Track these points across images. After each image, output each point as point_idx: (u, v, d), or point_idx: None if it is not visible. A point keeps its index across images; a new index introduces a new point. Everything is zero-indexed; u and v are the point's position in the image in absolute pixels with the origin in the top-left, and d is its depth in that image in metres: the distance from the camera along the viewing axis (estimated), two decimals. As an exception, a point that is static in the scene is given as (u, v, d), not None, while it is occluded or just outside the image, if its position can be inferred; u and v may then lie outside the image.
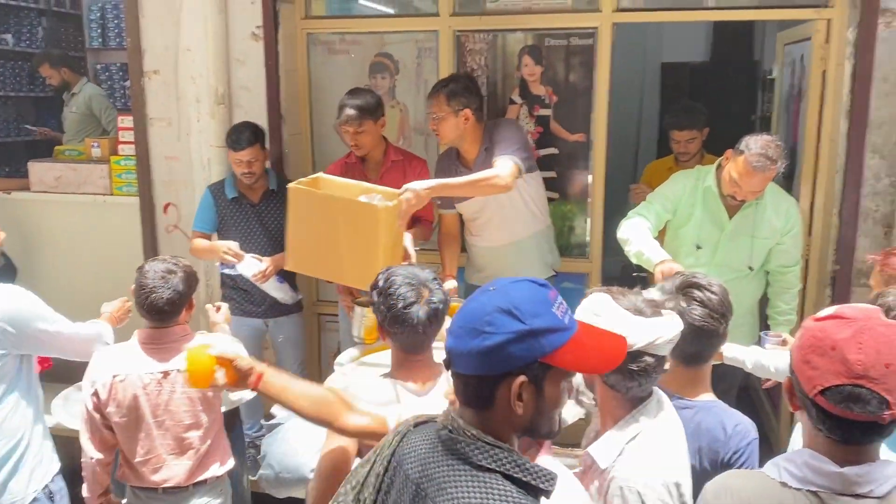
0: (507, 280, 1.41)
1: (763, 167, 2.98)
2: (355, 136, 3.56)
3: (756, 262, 3.28)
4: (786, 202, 3.29)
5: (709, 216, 3.26)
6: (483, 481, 1.30)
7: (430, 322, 2.13)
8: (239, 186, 3.83)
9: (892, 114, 3.49)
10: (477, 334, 1.31)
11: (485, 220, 3.63)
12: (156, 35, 4.18)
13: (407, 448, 1.44)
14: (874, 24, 3.42)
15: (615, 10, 3.86)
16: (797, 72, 4.26)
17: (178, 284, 2.64)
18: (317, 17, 4.29)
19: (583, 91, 4.01)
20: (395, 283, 2.15)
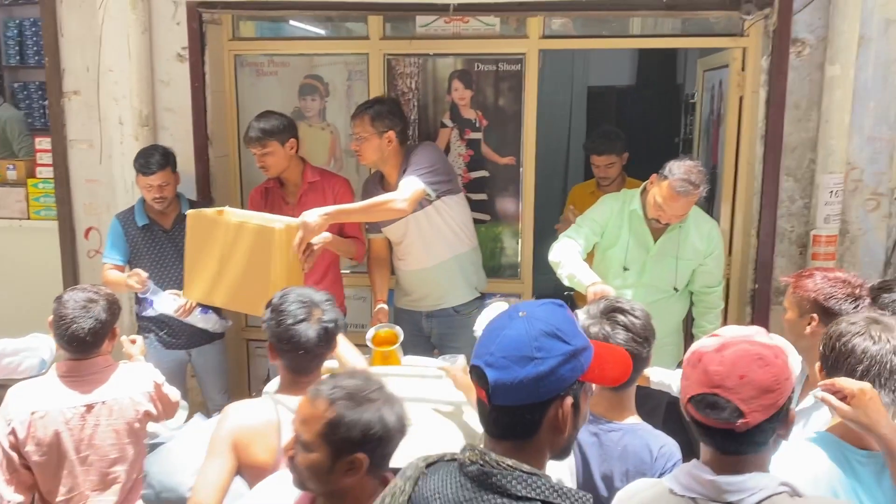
0: (530, 304, 1.41)
1: (686, 192, 3.07)
2: (261, 157, 3.53)
3: (680, 282, 3.38)
4: (707, 224, 3.40)
5: (635, 238, 3.34)
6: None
7: (320, 342, 2.16)
8: (149, 213, 3.71)
9: (804, 138, 3.65)
10: (528, 361, 1.30)
11: (408, 243, 3.63)
12: (76, 55, 4.06)
13: (427, 492, 1.38)
14: (786, 53, 3.58)
15: (542, 37, 3.94)
16: (716, 97, 4.43)
17: (99, 313, 2.55)
18: (245, 38, 4.25)
19: (512, 115, 4.07)
20: (288, 300, 2.18)
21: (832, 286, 2.23)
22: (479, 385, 1.35)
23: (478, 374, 1.35)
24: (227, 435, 2.11)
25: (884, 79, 3.57)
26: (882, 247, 3.71)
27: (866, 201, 3.68)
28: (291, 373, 2.23)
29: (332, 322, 2.19)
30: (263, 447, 2.11)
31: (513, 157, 4.11)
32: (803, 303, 2.26)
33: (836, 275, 2.28)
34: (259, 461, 2.10)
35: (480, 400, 1.37)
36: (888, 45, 3.54)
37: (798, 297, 2.28)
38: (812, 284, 2.26)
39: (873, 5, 3.50)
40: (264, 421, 2.13)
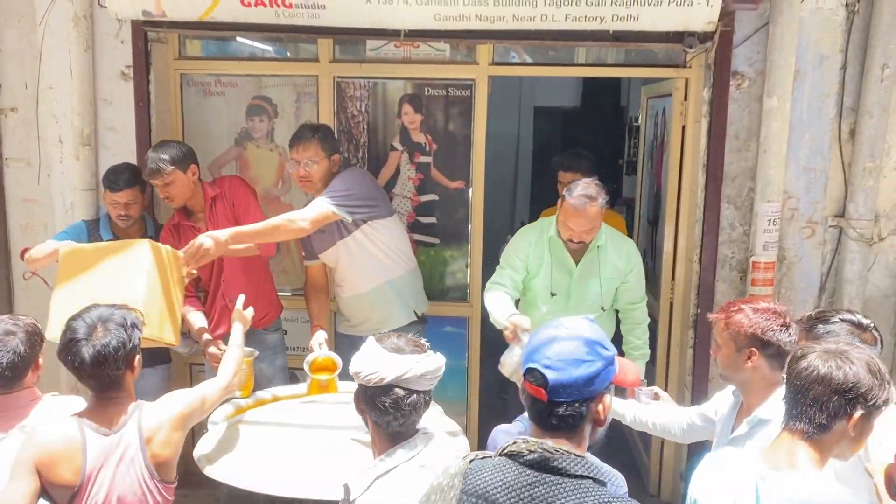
0: (570, 320, 1.70)
1: (584, 205, 3.18)
2: (164, 188, 3.41)
3: (606, 302, 3.47)
4: (625, 244, 3.51)
5: (556, 263, 3.42)
6: (584, 487, 1.55)
7: (94, 364, 2.18)
8: (114, 230, 3.63)
9: (744, 168, 3.77)
10: (580, 364, 1.60)
11: (342, 268, 3.63)
12: (14, 70, 3.95)
13: (482, 483, 1.59)
14: (726, 85, 3.70)
15: (491, 63, 3.98)
16: (660, 124, 4.54)
17: (17, 346, 2.41)
18: (191, 57, 4.18)
19: (462, 139, 4.10)
20: (81, 315, 2.24)
21: (766, 319, 2.29)
22: (537, 385, 1.61)
23: (536, 375, 1.61)
24: (30, 457, 2.15)
25: (818, 111, 3.72)
26: (817, 273, 3.85)
27: (802, 229, 3.81)
28: (90, 391, 2.28)
29: (109, 347, 2.19)
30: (68, 467, 2.16)
31: (462, 181, 4.14)
32: (739, 338, 2.31)
33: (763, 306, 2.34)
34: (64, 481, 2.16)
35: (533, 398, 1.62)
36: (822, 78, 3.69)
37: (733, 333, 2.33)
38: (746, 319, 2.31)
39: (808, 41, 3.64)
40: (67, 442, 2.18)
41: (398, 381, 1.91)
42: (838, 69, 3.68)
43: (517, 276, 3.43)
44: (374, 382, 1.91)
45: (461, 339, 4.17)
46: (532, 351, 1.65)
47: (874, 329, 2.37)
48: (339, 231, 3.52)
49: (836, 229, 3.81)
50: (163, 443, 2.29)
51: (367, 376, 1.92)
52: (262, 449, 2.84)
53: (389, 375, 1.91)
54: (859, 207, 3.71)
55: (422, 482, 1.87)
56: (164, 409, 2.36)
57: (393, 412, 1.91)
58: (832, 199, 3.80)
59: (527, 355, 1.66)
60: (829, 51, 3.67)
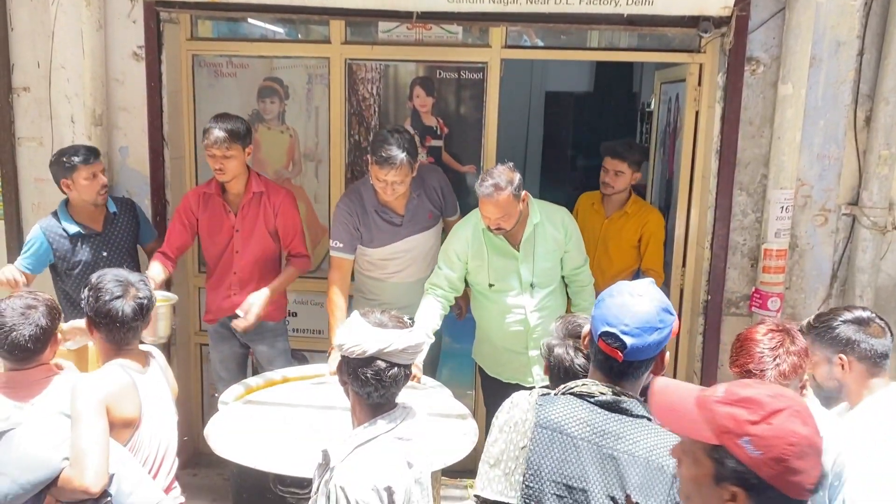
0: (638, 286, 1.86)
1: (491, 193, 3.17)
2: (222, 160, 3.46)
3: (555, 274, 3.48)
4: (559, 213, 3.51)
5: (498, 252, 3.41)
6: (645, 425, 1.78)
7: (135, 316, 2.44)
8: (78, 218, 3.62)
9: (757, 154, 3.74)
10: (654, 330, 1.79)
11: (411, 257, 3.65)
12: (26, 50, 3.94)
13: (555, 416, 1.79)
14: (741, 71, 3.66)
15: (504, 46, 3.96)
16: (673, 110, 4.51)
17: (39, 319, 2.46)
18: (203, 38, 4.17)
19: (473, 123, 4.09)
20: (105, 279, 2.45)
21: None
22: (614, 347, 1.78)
23: (614, 338, 1.78)
24: (99, 401, 2.28)
25: (833, 98, 3.68)
26: (829, 261, 3.83)
27: (815, 216, 3.79)
28: (110, 344, 2.47)
29: (146, 299, 2.48)
30: (131, 403, 2.39)
31: (473, 165, 4.12)
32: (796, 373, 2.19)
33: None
34: (130, 416, 2.38)
35: (607, 355, 1.80)
36: (838, 65, 3.65)
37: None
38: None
39: (825, 27, 3.60)
40: (124, 383, 2.39)
41: (380, 354, 1.97)
42: (855, 55, 3.64)
43: (453, 274, 3.43)
44: (357, 354, 1.98)
45: (469, 322, 4.16)
46: (608, 315, 1.81)
47: (878, 319, 2.34)
48: (434, 220, 3.68)
49: (849, 217, 3.79)
50: (171, 377, 2.67)
51: (350, 348, 1.98)
52: (271, 428, 2.86)
53: (372, 348, 1.97)
54: (873, 195, 3.68)
55: (399, 453, 1.97)
56: (159, 352, 2.69)
57: (374, 384, 1.98)
58: (846, 186, 3.77)
59: (601, 318, 1.82)
60: (845, 37, 3.63)
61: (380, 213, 3.56)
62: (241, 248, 3.64)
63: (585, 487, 1.74)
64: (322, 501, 1.98)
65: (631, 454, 1.74)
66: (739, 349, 2.17)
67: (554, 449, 1.76)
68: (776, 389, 1.38)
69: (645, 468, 1.73)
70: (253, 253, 3.65)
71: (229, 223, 3.63)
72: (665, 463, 1.72)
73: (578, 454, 1.75)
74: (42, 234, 3.58)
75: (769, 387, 1.40)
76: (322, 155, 4.20)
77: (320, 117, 4.16)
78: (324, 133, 4.17)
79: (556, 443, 1.76)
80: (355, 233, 3.56)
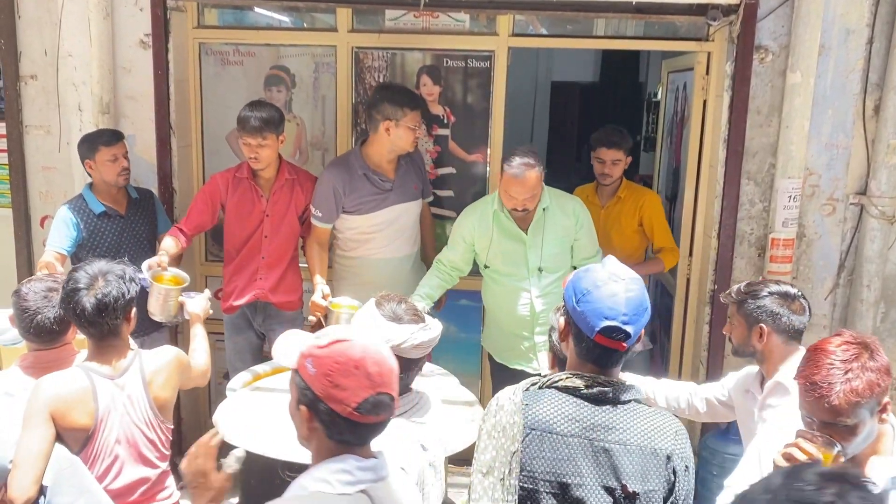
0: (613, 266, 1.83)
1: (522, 173, 3.20)
2: (257, 148, 3.49)
3: (564, 261, 3.48)
4: (571, 202, 3.52)
5: (506, 235, 3.42)
6: (633, 410, 1.79)
7: (96, 312, 2.33)
8: (103, 199, 3.65)
9: (765, 143, 3.73)
10: (644, 311, 1.80)
11: (396, 229, 3.68)
12: (34, 38, 3.94)
13: (543, 415, 1.77)
14: (749, 59, 3.65)
15: (511, 35, 3.94)
16: (680, 99, 4.49)
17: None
18: (210, 26, 4.17)
19: (479, 112, 4.08)
20: (82, 269, 2.39)
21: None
22: (615, 339, 1.75)
23: (618, 331, 1.74)
24: (44, 406, 2.24)
25: (842, 87, 3.66)
26: (836, 251, 3.82)
27: (823, 206, 3.78)
28: (91, 339, 2.41)
29: (110, 295, 2.34)
30: (83, 411, 2.30)
31: (480, 154, 4.12)
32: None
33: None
34: (80, 425, 2.30)
35: (608, 349, 1.77)
36: (847, 53, 3.63)
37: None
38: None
39: (834, 15, 3.58)
40: (79, 388, 2.31)
41: (396, 350, 1.93)
42: (864, 44, 3.62)
43: (454, 255, 3.50)
44: None
45: (476, 312, 4.17)
46: (602, 308, 1.76)
47: (802, 298, 2.50)
48: (419, 193, 3.74)
49: (856, 207, 3.78)
50: (162, 385, 2.50)
51: None
52: (280, 415, 2.86)
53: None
54: (881, 185, 3.67)
55: (413, 436, 1.98)
56: (162, 355, 2.55)
57: None
58: (854, 176, 3.76)
59: (595, 312, 1.76)
60: (855, 25, 3.61)
61: (369, 177, 3.58)
62: (271, 232, 3.66)
63: (580, 482, 1.75)
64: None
65: (623, 443, 1.75)
66: (808, 359, 1.88)
67: (545, 449, 1.76)
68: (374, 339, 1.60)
69: (639, 455, 1.75)
70: (282, 238, 3.68)
71: (260, 207, 3.64)
72: (658, 446, 1.76)
73: (570, 451, 1.75)
74: (70, 213, 3.61)
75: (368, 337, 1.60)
76: (329, 143, 4.20)
77: (327, 106, 4.16)
78: (330, 121, 4.17)
79: (547, 442, 1.77)
80: (336, 201, 3.58)
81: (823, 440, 1.76)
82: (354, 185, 3.58)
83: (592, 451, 1.75)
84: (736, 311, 2.54)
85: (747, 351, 2.52)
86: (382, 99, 3.55)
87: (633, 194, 4.06)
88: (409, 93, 3.63)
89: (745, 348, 2.52)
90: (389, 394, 1.54)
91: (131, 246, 3.63)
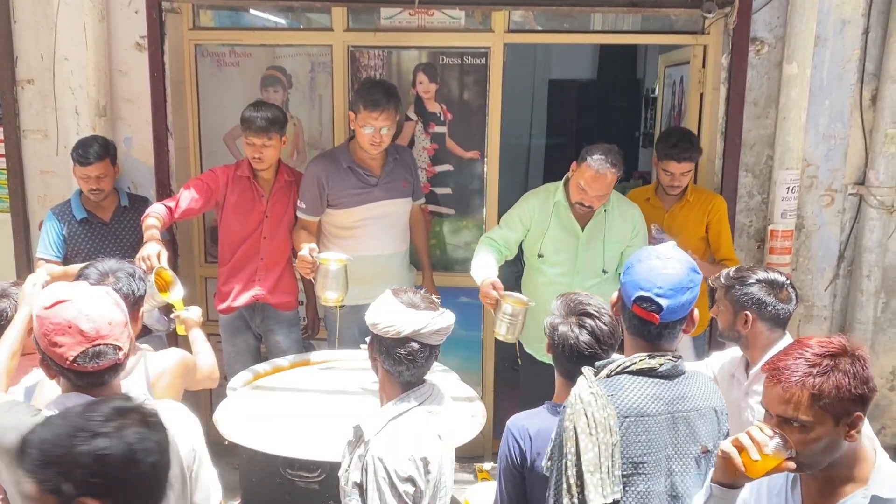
0: (665, 249, 1.95)
1: (605, 171, 3.16)
2: (262, 148, 3.47)
3: (611, 265, 3.45)
4: (631, 209, 3.48)
5: (562, 228, 3.40)
6: (694, 377, 1.97)
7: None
8: (87, 205, 3.65)
9: (763, 135, 3.73)
10: (685, 290, 1.89)
11: (381, 226, 3.64)
12: (30, 42, 3.95)
13: (632, 401, 1.86)
14: (745, 51, 3.65)
15: (507, 31, 3.94)
16: (677, 93, 4.49)
17: None
18: (205, 27, 4.17)
19: (476, 109, 4.08)
20: (93, 265, 2.44)
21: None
22: (651, 311, 1.87)
23: (649, 301, 1.86)
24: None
25: (839, 77, 3.66)
26: (836, 241, 3.82)
27: (821, 197, 3.78)
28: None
29: (118, 291, 2.27)
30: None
31: (477, 151, 4.12)
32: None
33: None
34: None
35: (643, 320, 1.89)
36: (843, 43, 3.63)
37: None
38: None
39: (829, 6, 3.58)
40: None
41: (415, 335, 2.02)
42: (860, 34, 3.62)
43: (511, 235, 3.42)
44: (391, 335, 2.02)
45: (476, 309, 4.17)
46: (638, 279, 1.90)
47: (790, 286, 2.50)
48: (408, 191, 3.69)
49: (855, 197, 3.78)
50: (166, 387, 2.44)
51: (385, 328, 2.02)
52: (280, 413, 2.87)
53: (407, 329, 2.01)
54: (880, 175, 3.67)
55: (431, 426, 2.01)
56: (167, 357, 2.53)
57: (407, 363, 2.03)
58: (852, 166, 3.76)
59: (633, 283, 1.90)
60: (850, 15, 3.61)
61: (354, 170, 3.55)
62: (270, 234, 3.64)
63: (671, 453, 1.89)
64: (356, 476, 2.02)
65: (698, 410, 1.93)
66: (784, 349, 1.72)
67: (640, 432, 1.86)
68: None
69: (708, 416, 1.95)
70: (280, 239, 3.66)
71: (260, 208, 3.61)
72: (716, 404, 1.99)
73: (660, 428, 1.87)
74: (53, 217, 3.63)
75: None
76: (326, 143, 4.20)
77: (324, 105, 4.16)
78: (328, 121, 4.17)
79: (642, 426, 1.86)
80: (320, 192, 3.55)
81: (776, 441, 1.59)
82: (339, 178, 3.55)
83: (674, 422, 1.89)
84: (723, 295, 2.55)
85: (732, 335, 2.54)
86: (355, 93, 3.59)
87: (701, 197, 3.64)
88: (375, 92, 3.41)
89: (730, 333, 2.54)
90: (111, 344, 1.77)
91: (112, 254, 3.43)
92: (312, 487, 2.60)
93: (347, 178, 3.56)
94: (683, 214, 3.63)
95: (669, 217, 3.64)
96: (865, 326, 3.73)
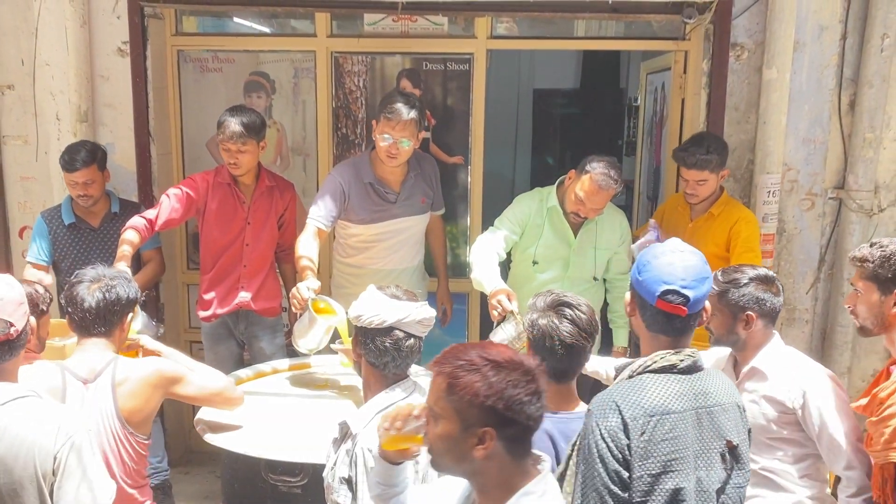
0: (675, 242, 1.96)
1: (607, 185, 3.17)
2: (237, 154, 3.43)
3: (599, 272, 3.48)
4: (618, 216, 3.51)
5: (555, 234, 3.41)
6: (712, 373, 1.97)
7: (98, 307, 2.37)
8: (76, 210, 3.63)
9: (743, 140, 3.76)
10: (705, 280, 1.91)
11: (398, 241, 3.60)
12: (10, 47, 3.92)
13: (657, 400, 1.84)
14: (726, 56, 3.69)
15: (490, 37, 3.96)
16: (659, 99, 4.53)
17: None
18: (188, 33, 4.16)
19: (460, 114, 4.09)
20: (90, 268, 2.48)
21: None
22: (679, 304, 1.86)
23: (677, 294, 1.86)
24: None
25: (818, 82, 3.70)
26: (817, 245, 3.85)
27: (802, 201, 3.81)
28: (79, 334, 2.43)
29: (112, 289, 2.42)
30: None
31: (461, 157, 4.13)
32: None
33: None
34: None
35: (669, 314, 1.88)
36: (822, 49, 3.68)
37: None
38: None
39: (807, 11, 3.63)
40: (49, 387, 2.24)
41: (398, 324, 2.07)
42: (838, 39, 3.67)
43: (511, 237, 3.39)
44: (375, 324, 2.07)
45: (461, 315, 4.17)
46: (661, 275, 1.88)
47: (777, 280, 2.51)
48: (426, 207, 3.64)
49: (835, 201, 3.81)
50: (129, 393, 2.38)
51: (369, 318, 2.07)
52: (262, 417, 2.85)
53: (391, 318, 2.07)
54: (859, 178, 3.71)
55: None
56: (140, 365, 2.48)
57: (392, 353, 2.07)
58: (832, 170, 3.79)
59: (654, 280, 1.88)
60: (828, 21, 3.65)
61: (374, 187, 3.49)
62: (252, 240, 3.60)
63: (698, 449, 1.87)
64: (343, 471, 2.03)
65: (720, 405, 1.92)
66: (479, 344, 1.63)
67: (667, 430, 1.84)
68: None
69: (732, 411, 1.94)
70: (263, 246, 3.63)
71: (242, 214, 3.57)
72: (738, 400, 1.99)
73: (685, 425, 1.86)
74: (42, 221, 3.63)
75: None
76: (310, 149, 4.20)
77: (307, 111, 4.17)
78: (311, 127, 4.17)
79: (668, 424, 1.84)
80: (338, 202, 3.42)
81: (417, 424, 1.66)
82: (359, 192, 3.47)
83: (699, 418, 1.88)
84: (717, 301, 2.43)
85: (730, 339, 2.47)
86: (379, 103, 3.54)
87: (724, 210, 3.44)
88: (395, 102, 3.32)
89: (729, 337, 2.46)
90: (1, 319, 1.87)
91: (100, 261, 3.44)
92: (295, 492, 2.59)
93: (367, 195, 3.48)
94: (705, 228, 3.45)
95: (692, 228, 3.48)
96: (846, 329, 3.75)
